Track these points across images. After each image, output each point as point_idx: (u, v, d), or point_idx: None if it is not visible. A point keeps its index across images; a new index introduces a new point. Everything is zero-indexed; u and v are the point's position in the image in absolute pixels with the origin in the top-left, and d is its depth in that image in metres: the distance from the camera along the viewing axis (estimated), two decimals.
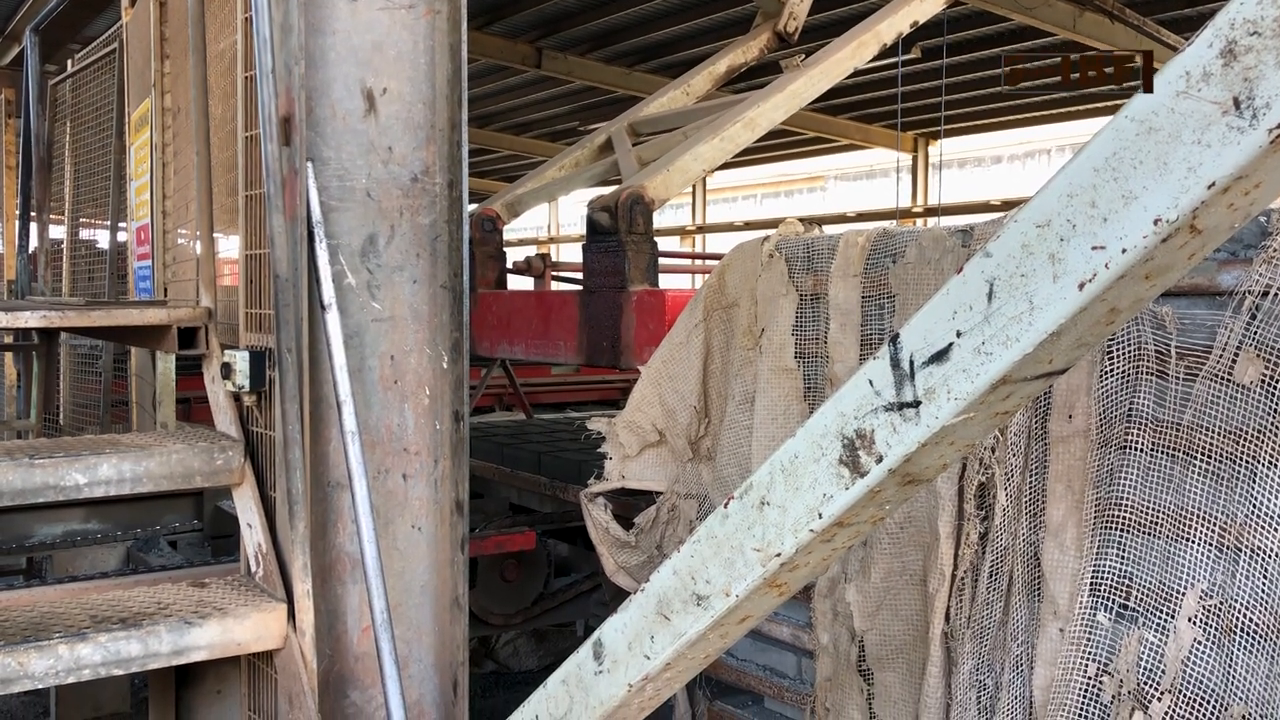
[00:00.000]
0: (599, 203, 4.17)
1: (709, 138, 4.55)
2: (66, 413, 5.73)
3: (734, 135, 4.64)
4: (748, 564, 1.55)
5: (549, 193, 5.35)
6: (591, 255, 4.17)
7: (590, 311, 4.12)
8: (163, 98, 4.15)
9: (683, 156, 4.46)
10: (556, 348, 4.32)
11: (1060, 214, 1.18)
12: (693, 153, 4.51)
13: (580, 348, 4.18)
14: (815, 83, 4.96)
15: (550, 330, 4.35)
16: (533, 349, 4.46)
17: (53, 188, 5.90)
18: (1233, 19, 1.04)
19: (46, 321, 3.05)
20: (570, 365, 4.43)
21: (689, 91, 5.59)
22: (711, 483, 3.42)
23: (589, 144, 5.41)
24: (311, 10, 2.74)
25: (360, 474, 2.64)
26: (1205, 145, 1.07)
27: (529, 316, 4.49)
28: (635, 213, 4.08)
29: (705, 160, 4.54)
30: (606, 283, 4.08)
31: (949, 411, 1.30)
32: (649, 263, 4.07)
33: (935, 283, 2.82)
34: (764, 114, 4.76)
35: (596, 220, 4.15)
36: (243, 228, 2.98)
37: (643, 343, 3.89)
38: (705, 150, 4.55)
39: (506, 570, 4.32)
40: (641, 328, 3.90)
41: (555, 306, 4.37)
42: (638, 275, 4.02)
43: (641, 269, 4.04)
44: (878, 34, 5.17)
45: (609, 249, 4.06)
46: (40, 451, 2.69)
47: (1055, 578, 2.44)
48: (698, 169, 4.52)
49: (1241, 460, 2.19)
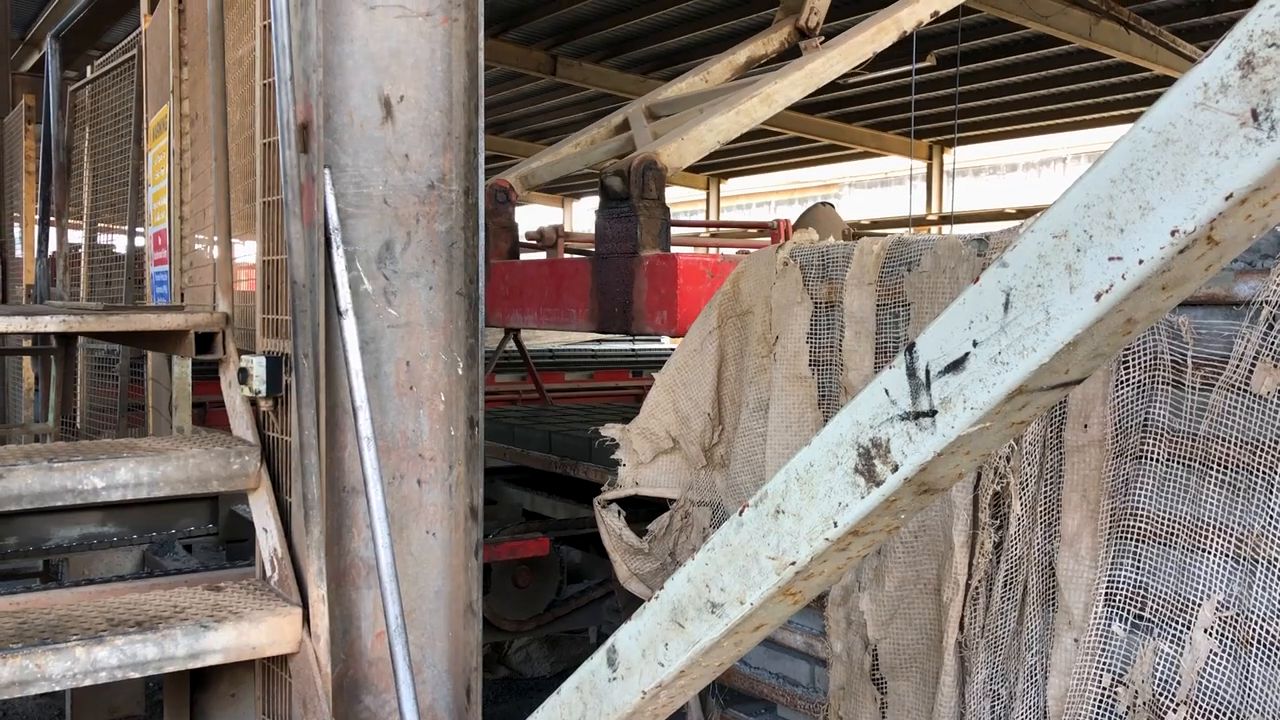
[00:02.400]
0: (612, 168, 4.13)
1: (725, 110, 4.53)
2: (83, 416, 5.77)
3: (750, 109, 4.61)
4: (762, 572, 1.56)
5: (564, 166, 5.32)
6: (603, 221, 4.13)
7: (602, 278, 4.08)
8: (181, 104, 4.18)
9: (697, 127, 4.42)
10: (568, 315, 4.28)
11: (1077, 224, 1.18)
12: (708, 123, 4.48)
13: (592, 314, 4.14)
14: (833, 64, 4.95)
15: (562, 297, 4.31)
16: (545, 317, 4.42)
17: (71, 192, 5.95)
18: (1251, 30, 1.04)
19: (65, 326, 3.07)
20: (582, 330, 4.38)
21: (708, 79, 5.58)
22: (725, 490, 3.42)
23: (606, 123, 5.39)
24: (330, 18, 2.76)
25: (375, 479, 2.66)
26: (1223, 157, 1.07)
27: (541, 285, 4.45)
28: (648, 178, 4.04)
29: (720, 131, 4.50)
30: (618, 248, 4.03)
31: (965, 421, 1.30)
32: (661, 228, 4.03)
33: (950, 291, 2.82)
34: (781, 90, 4.74)
35: (609, 185, 4.10)
36: (260, 233, 3.00)
37: (654, 307, 3.85)
38: (720, 122, 4.51)
39: (519, 576, 4.33)
40: (653, 292, 3.87)
41: (567, 274, 4.33)
42: (650, 240, 3.98)
43: (654, 234, 4.00)
44: (898, 21, 5.16)
45: (621, 214, 4.02)
46: (59, 455, 2.71)
47: (1070, 587, 2.44)
48: (712, 139, 4.48)
49: (1258, 471, 2.18)
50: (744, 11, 10.20)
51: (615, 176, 4.06)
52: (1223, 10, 9.68)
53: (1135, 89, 13.03)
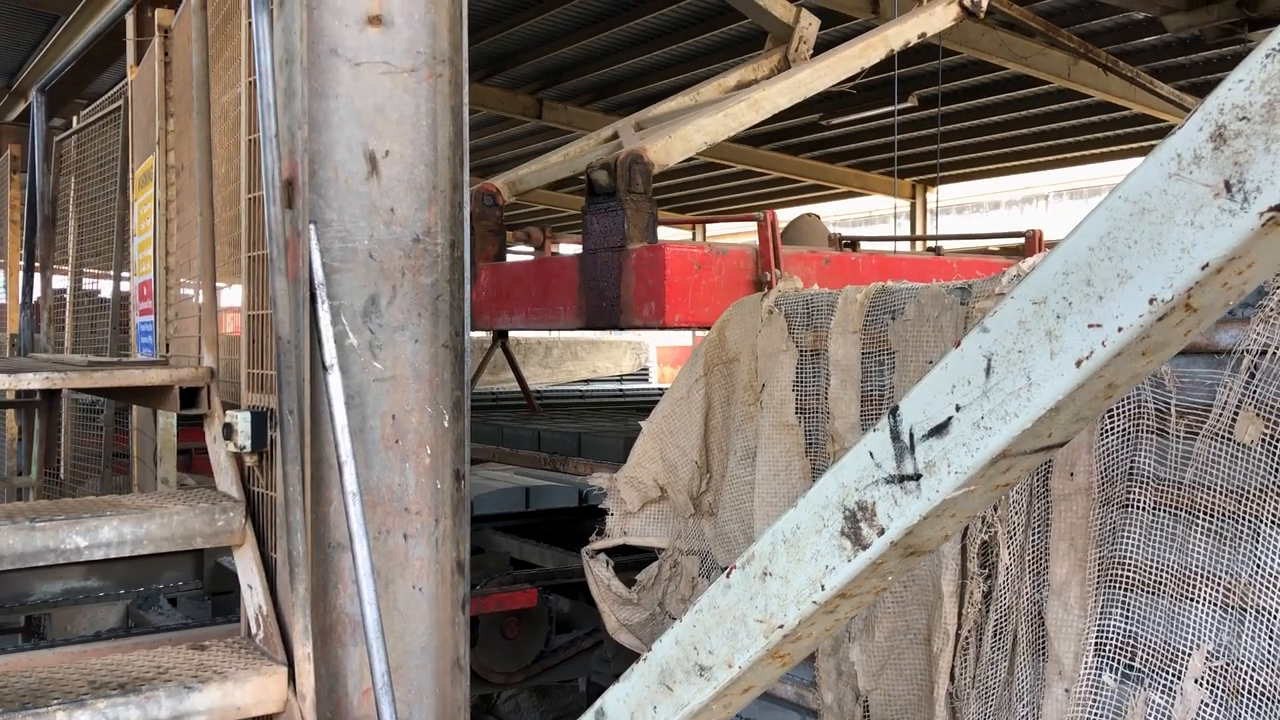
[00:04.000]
0: (598, 162, 4.11)
1: (713, 113, 4.55)
2: (67, 465, 5.73)
3: (738, 113, 4.63)
4: (750, 635, 1.55)
5: (551, 173, 5.33)
6: (590, 217, 4.11)
7: (589, 273, 4.04)
8: (167, 155, 4.19)
9: (685, 126, 4.43)
10: (556, 313, 4.24)
11: (1056, 291, 1.19)
12: (696, 124, 4.49)
13: (580, 310, 4.11)
14: (821, 76, 5.00)
15: (550, 295, 4.27)
16: (533, 316, 4.37)
17: (57, 240, 5.94)
18: (1221, 104, 1.06)
19: (49, 384, 3.06)
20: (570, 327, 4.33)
21: (697, 99, 5.63)
22: (714, 538, 3.41)
23: (596, 135, 5.40)
24: (315, 75, 2.78)
25: (361, 535, 2.64)
26: (1198, 226, 1.08)
27: (528, 285, 4.41)
28: (634, 172, 4.03)
29: (708, 132, 4.51)
30: (605, 243, 4.01)
31: (950, 485, 1.30)
32: (648, 221, 4.01)
33: (934, 340, 2.83)
34: (769, 97, 4.77)
35: (595, 180, 4.08)
36: (245, 288, 3.00)
37: (642, 299, 3.82)
38: (708, 123, 4.52)
39: (507, 627, 4.29)
40: (641, 284, 3.84)
41: (554, 271, 4.29)
42: (637, 234, 3.96)
43: (641, 227, 3.98)
44: (886, 39, 5.23)
45: (608, 209, 4.00)
46: (41, 514, 2.69)
47: (1060, 637, 2.43)
48: (700, 139, 4.49)
49: (1244, 519, 2.18)
50: (725, 55, 10.31)
51: (602, 170, 4.04)
52: (1198, 50, 9.82)
53: (1115, 127, 13.20)
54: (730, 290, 3.91)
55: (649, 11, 9.69)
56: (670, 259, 3.76)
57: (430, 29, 2.91)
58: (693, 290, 3.81)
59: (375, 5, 2.84)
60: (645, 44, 10.55)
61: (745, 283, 3.96)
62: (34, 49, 10.34)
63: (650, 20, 9.92)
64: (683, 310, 3.80)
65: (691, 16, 9.87)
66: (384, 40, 2.85)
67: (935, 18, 5.44)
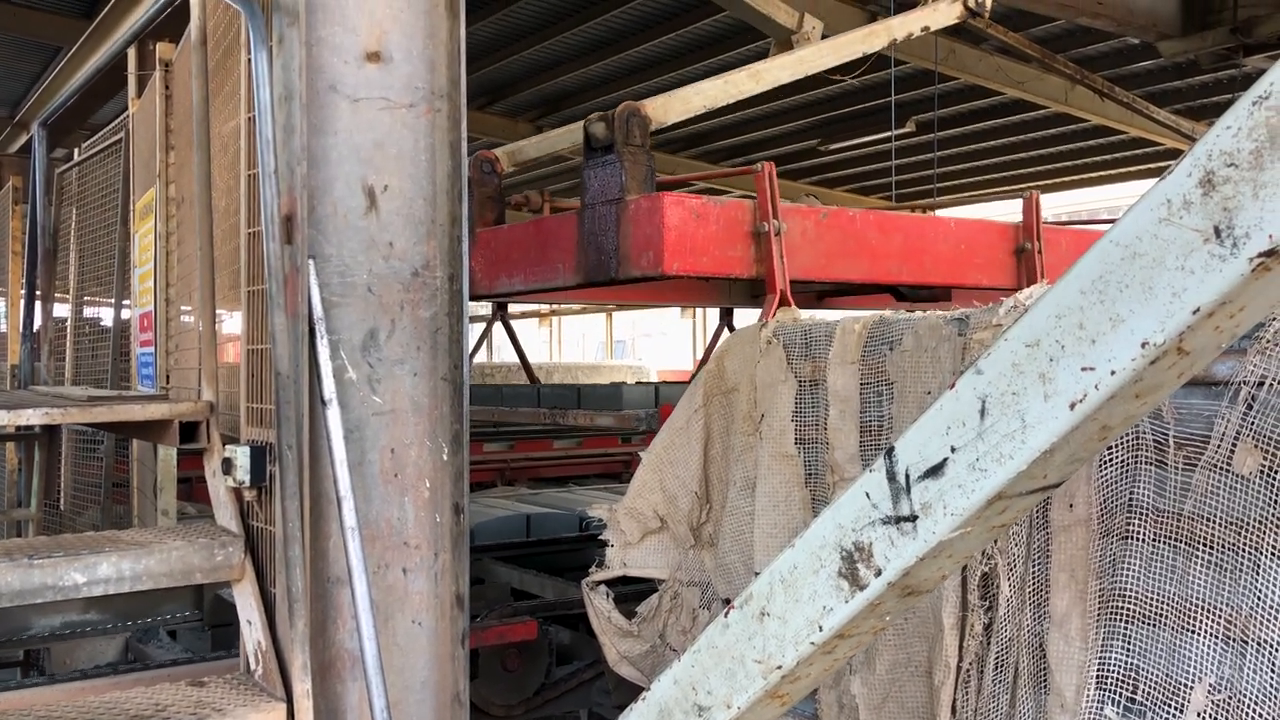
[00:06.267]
0: (596, 116, 4.11)
1: (714, 81, 4.59)
2: (67, 496, 5.72)
3: (738, 81, 4.67)
4: (749, 675, 1.54)
5: (551, 144, 5.33)
6: (588, 172, 4.09)
7: (588, 228, 4.01)
8: (167, 188, 4.21)
9: (685, 89, 4.46)
10: (555, 271, 4.20)
11: (1049, 334, 1.20)
12: (696, 87, 4.52)
13: (579, 265, 4.07)
14: (823, 55, 5.04)
15: (548, 255, 4.24)
16: (532, 277, 4.33)
17: (58, 269, 5.95)
18: (1210, 150, 1.07)
19: (49, 419, 3.06)
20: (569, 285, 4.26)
21: None
22: (714, 569, 3.40)
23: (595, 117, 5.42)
24: (314, 111, 2.80)
25: (360, 570, 2.63)
26: (1189, 271, 1.09)
27: (526, 245, 4.38)
28: (632, 124, 4.02)
29: (706, 96, 4.53)
30: (604, 196, 3.99)
31: (946, 527, 1.30)
32: (646, 174, 3.99)
33: (932, 371, 2.83)
34: (770, 70, 4.81)
35: (593, 133, 4.06)
36: (245, 322, 3.01)
37: (640, 249, 3.80)
38: (708, 87, 4.55)
39: (508, 660, 4.27)
40: (639, 233, 3.81)
41: (552, 230, 4.26)
42: (635, 186, 3.93)
43: (639, 179, 3.95)
44: (889, 28, 5.28)
45: (605, 163, 3.98)
46: (39, 551, 2.68)
47: (1061, 670, 2.42)
48: (698, 102, 4.50)
49: (1244, 551, 2.18)
50: None
51: (599, 123, 4.02)
52: (1194, 75, 9.88)
53: (1113, 150, 13.25)
54: (729, 241, 3.91)
55: (649, 40, 9.76)
56: (668, 207, 3.74)
57: (429, 65, 2.94)
58: (691, 239, 3.78)
59: (374, 42, 2.87)
60: (645, 71, 10.62)
61: (744, 234, 3.95)
62: (36, 80, 10.41)
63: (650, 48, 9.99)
64: (680, 259, 3.77)
65: (689, 45, 9.94)
66: (383, 76, 2.88)
67: (939, 13, 5.51)
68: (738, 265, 3.95)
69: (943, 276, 4.54)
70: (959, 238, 4.59)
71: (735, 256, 3.94)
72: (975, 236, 4.68)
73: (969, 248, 4.62)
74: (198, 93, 3.29)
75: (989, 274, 4.72)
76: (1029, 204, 4.92)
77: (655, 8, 9.30)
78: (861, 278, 4.35)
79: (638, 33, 9.73)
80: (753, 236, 3.95)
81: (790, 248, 3.98)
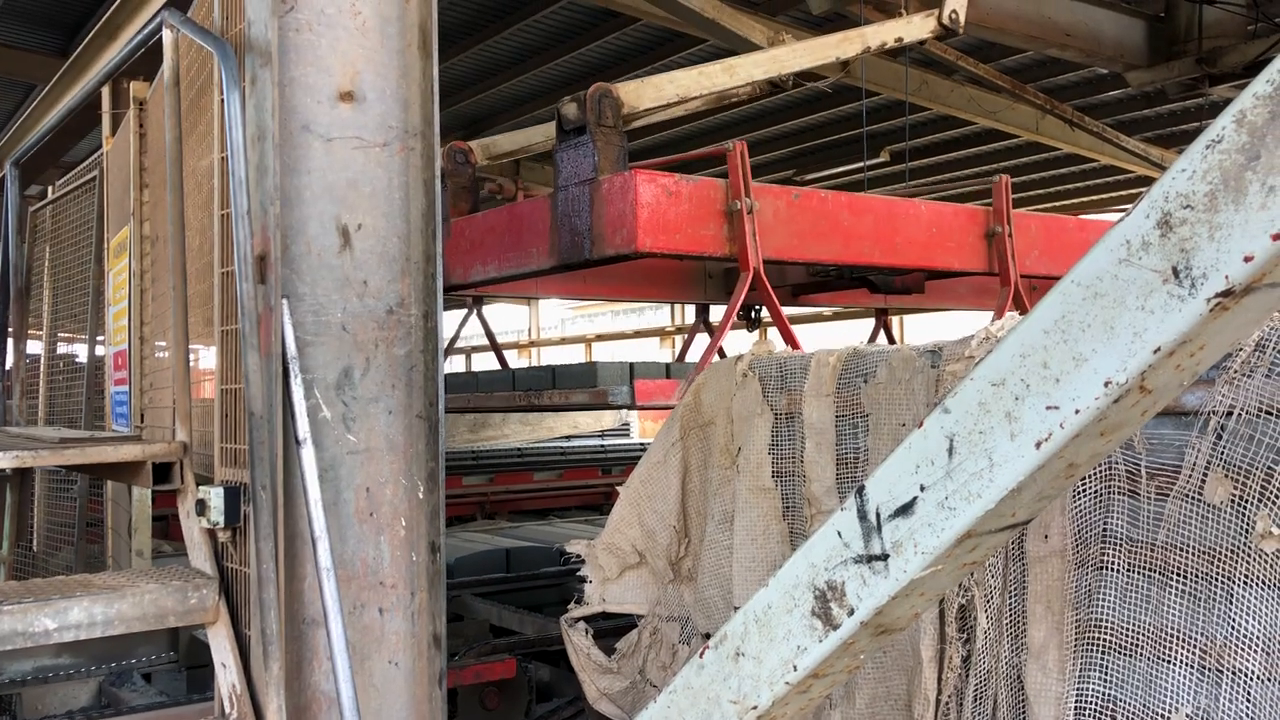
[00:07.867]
0: (569, 98, 4.11)
1: (689, 71, 4.63)
2: (40, 536, 5.64)
3: (712, 73, 4.71)
4: (724, 716, 1.54)
5: (525, 138, 5.31)
6: (561, 154, 4.09)
7: (561, 210, 4.02)
8: (141, 226, 4.19)
9: (658, 77, 4.49)
10: (529, 255, 4.19)
11: (1014, 374, 1.21)
12: (669, 75, 4.54)
13: (552, 248, 4.06)
14: (798, 55, 5.08)
15: (523, 239, 4.23)
16: (506, 262, 4.33)
17: (32, 307, 5.91)
18: (1166, 192, 1.09)
19: (19, 462, 3.03)
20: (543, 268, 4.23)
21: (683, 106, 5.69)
22: (693, 604, 3.39)
23: None
24: (287, 150, 2.80)
25: (335, 612, 2.61)
26: (1149, 311, 1.10)
27: (501, 232, 4.37)
28: (604, 105, 4.02)
29: (680, 85, 4.56)
30: (576, 177, 3.99)
31: (917, 565, 1.31)
32: (618, 154, 3.99)
33: (906, 403, 2.85)
34: (744, 65, 4.85)
35: (565, 114, 4.07)
36: (219, 362, 2.99)
37: (614, 228, 3.80)
38: (681, 76, 4.58)
39: (487, 698, 4.23)
40: (612, 211, 3.81)
41: (525, 214, 4.26)
42: (608, 166, 3.94)
43: (611, 159, 3.96)
44: (864, 35, 5.33)
45: (578, 145, 3.99)
46: (9, 597, 2.65)
47: (1040, 701, 2.42)
48: (671, 90, 4.52)
49: (1218, 580, 2.19)
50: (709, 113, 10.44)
51: (571, 104, 4.02)
52: (1161, 104, 10.02)
53: (1084, 179, 13.40)
54: (701, 219, 3.91)
55: (623, 73, 9.82)
56: (641, 184, 3.74)
57: (402, 104, 2.95)
58: (663, 216, 3.78)
59: (347, 81, 2.87)
60: None
61: (716, 211, 3.96)
62: (10, 117, 10.37)
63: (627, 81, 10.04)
64: (653, 236, 3.77)
65: None
66: (356, 116, 2.88)
67: (913, 26, 5.58)
68: (710, 243, 3.95)
69: (915, 259, 4.55)
70: (930, 221, 4.60)
71: (708, 235, 3.94)
72: (946, 219, 4.69)
73: (940, 231, 4.64)
74: (170, 133, 3.29)
75: (960, 257, 4.74)
76: (999, 188, 4.95)
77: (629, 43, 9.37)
78: (834, 258, 4.35)
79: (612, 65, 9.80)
80: (725, 215, 3.96)
81: (763, 228, 3.99)
